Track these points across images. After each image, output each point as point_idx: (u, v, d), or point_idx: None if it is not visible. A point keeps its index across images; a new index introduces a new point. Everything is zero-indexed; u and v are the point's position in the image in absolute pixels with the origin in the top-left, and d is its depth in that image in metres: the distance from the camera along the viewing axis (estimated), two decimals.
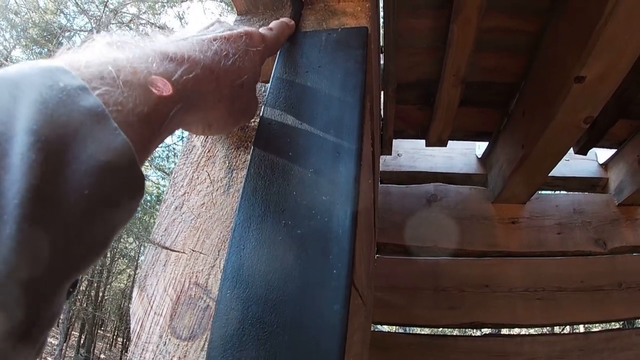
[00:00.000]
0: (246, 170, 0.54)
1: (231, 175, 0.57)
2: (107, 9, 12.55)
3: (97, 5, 12.90)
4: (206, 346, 0.44)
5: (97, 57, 0.36)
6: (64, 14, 13.35)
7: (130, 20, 13.61)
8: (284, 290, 0.44)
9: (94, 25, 12.58)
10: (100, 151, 0.30)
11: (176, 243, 0.53)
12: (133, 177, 0.33)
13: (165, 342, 0.47)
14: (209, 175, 0.58)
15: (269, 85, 0.63)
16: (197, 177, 0.58)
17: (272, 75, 0.65)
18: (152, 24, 13.95)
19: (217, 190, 0.57)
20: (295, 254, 0.46)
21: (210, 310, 0.47)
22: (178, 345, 0.46)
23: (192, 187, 0.58)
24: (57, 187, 0.27)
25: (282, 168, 0.53)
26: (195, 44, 0.47)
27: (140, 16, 13.82)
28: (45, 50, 12.50)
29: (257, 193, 0.51)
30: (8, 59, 12.23)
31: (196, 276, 0.50)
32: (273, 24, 0.64)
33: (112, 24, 12.93)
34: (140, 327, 0.49)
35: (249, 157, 0.56)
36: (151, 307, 0.49)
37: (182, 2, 13.70)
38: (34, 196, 0.25)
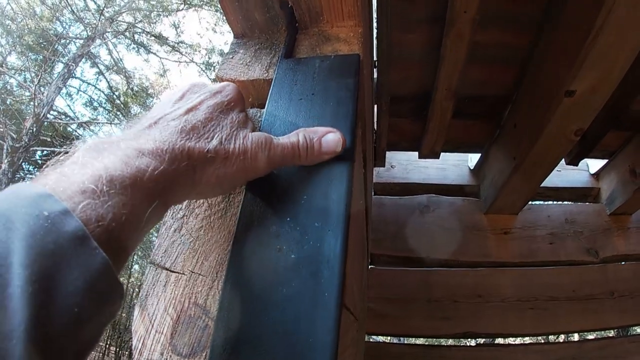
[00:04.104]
0: (242, 196, 0.56)
1: (228, 200, 0.60)
2: (102, 17, 12.57)
3: (93, 14, 12.92)
4: None
5: (78, 169, 0.40)
6: (60, 22, 13.34)
7: (126, 29, 13.63)
8: (279, 311, 0.46)
9: (89, 33, 12.59)
10: (83, 272, 0.35)
11: (176, 264, 0.55)
12: (113, 288, 0.38)
13: (167, 359, 0.49)
14: (207, 199, 0.60)
15: (264, 111, 0.66)
16: (196, 201, 0.61)
17: (267, 102, 0.67)
18: (148, 32, 13.97)
19: (215, 214, 0.59)
20: (289, 278, 0.48)
21: (209, 329, 0.49)
22: None
23: (190, 210, 0.60)
24: (51, 310, 0.33)
25: (276, 194, 0.55)
26: (170, 129, 0.49)
27: (136, 25, 13.84)
28: (41, 57, 12.49)
29: (253, 218, 0.53)
30: (3, 65, 12.21)
31: (195, 296, 0.52)
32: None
33: (108, 32, 12.94)
34: (142, 344, 0.51)
35: None
36: (152, 326, 0.52)
37: (177, 11, 13.73)
38: (34, 323, 0.31)
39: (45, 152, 11.68)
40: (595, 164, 2.45)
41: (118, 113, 14.11)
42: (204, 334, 0.49)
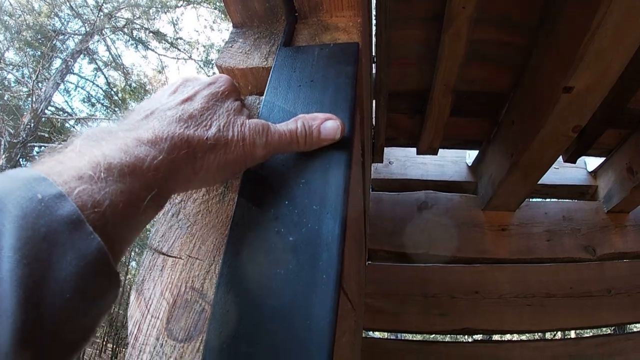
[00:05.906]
0: (240, 180, 0.56)
1: (226, 184, 0.60)
2: (101, 13, 12.54)
3: (91, 9, 12.88)
4: (202, 347, 0.46)
5: (76, 156, 0.40)
6: (58, 17, 13.30)
7: (125, 25, 13.61)
8: (276, 293, 0.46)
9: (88, 29, 12.57)
10: (77, 257, 0.33)
11: (173, 249, 0.55)
12: (108, 275, 0.36)
13: (162, 344, 0.49)
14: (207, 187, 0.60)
15: (263, 98, 0.66)
16: None
17: (266, 89, 0.67)
18: (146, 29, 13.95)
19: (213, 198, 0.59)
20: (287, 260, 0.48)
21: (206, 313, 0.49)
22: (174, 346, 0.48)
23: (188, 195, 0.60)
24: (43, 295, 0.31)
25: (275, 178, 0.55)
26: (167, 119, 0.49)
27: (135, 21, 13.82)
28: (39, 52, 12.47)
29: (252, 201, 0.53)
30: (1, 61, 12.19)
31: (192, 281, 0.52)
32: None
33: (106, 28, 12.92)
34: (138, 329, 0.51)
35: None
36: (148, 310, 0.51)
37: (175, 8, 13.70)
38: (24, 309, 0.30)
39: (43, 147, 11.67)
40: (593, 162, 2.46)
41: (116, 109, 14.09)
42: (200, 318, 0.49)
